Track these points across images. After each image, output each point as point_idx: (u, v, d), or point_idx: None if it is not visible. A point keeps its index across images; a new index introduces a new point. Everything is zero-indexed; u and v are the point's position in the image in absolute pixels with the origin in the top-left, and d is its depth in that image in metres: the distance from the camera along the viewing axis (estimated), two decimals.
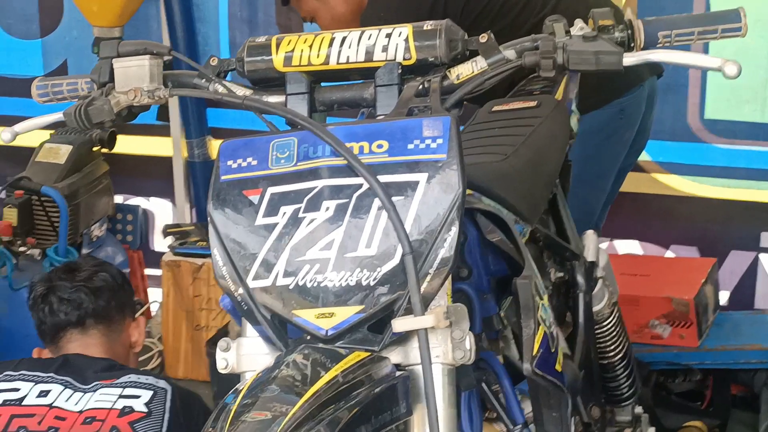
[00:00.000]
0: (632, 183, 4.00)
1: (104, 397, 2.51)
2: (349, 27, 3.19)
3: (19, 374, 2.57)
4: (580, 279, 2.37)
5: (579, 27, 1.71)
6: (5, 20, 4.61)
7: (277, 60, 1.78)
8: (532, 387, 1.87)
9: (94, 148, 4.24)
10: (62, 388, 2.55)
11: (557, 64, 1.70)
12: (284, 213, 1.64)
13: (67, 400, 2.53)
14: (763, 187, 3.90)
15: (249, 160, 1.69)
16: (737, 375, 3.81)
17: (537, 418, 1.90)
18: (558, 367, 1.80)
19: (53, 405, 2.52)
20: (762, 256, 3.98)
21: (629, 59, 1.69)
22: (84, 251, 4.08)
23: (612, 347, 2.54)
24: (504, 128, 2.52)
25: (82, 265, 2.91)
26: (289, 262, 1.62)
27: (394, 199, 1.60)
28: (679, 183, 4.00)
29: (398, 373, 1.57)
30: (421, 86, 1.71)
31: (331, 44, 1.76)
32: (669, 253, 4.12)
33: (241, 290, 1.64)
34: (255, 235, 1.65)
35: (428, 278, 1.59)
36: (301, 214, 1.63)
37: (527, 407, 2.11)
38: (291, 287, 1.61)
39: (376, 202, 1.59)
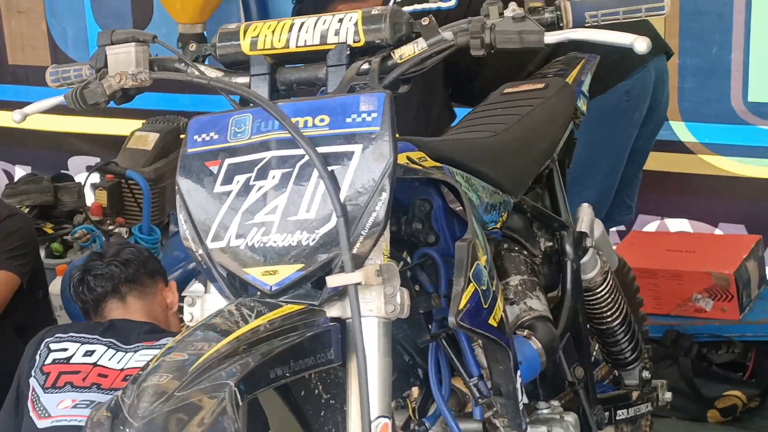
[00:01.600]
0: (680, 163, 4.02)
1: (144, 357, 2.62)
2: None
3: (68, 336, 2.71)
4: (568, 248, 2.39)
5: (511, 9, 1.75)
6: (102, 19, 4.79)
7: (244, 44, 1.83)
8: (484, 343, 1.92)
9: (182, 135, 4.39)
10: (106, 348, 2.67)
11: (485, 43, 1.75)
12: (238, 181, 1.72)
13: (110, 359, 2.66)
14: None
15: (212, 134, 1.77)
16: None
17: (490, 371, 1.95)
18: (492, 322, 1.81)
19: (97, 363, 2.65)
20: None
21: (551, 38, 1.71)
22: (171, 229, 4.23)
23: (608, 313, 2.55)
24: (507, 108, 2.56)
25: (109, 247, 3.06)
26: (240, 225, 1.70)
27: (331, 167, 1.66)
28: (726, 163, 3.97)
29: (326, 324, 1.63)
30: (363, 66, 1.77)
31: (291, 29, 1.81)
32: (718, 231, 4.10)
33: (201, 251, 1.73)
34: (213, 201, 1.73)
35: (361, 239, 1.64)
36: (252, 182, 1.71)
37: None
38: (242, 247, 1.69)
39: (317, 171, 1.66)
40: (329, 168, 1.67)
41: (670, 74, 3.88)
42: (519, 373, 1.94)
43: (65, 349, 2.69)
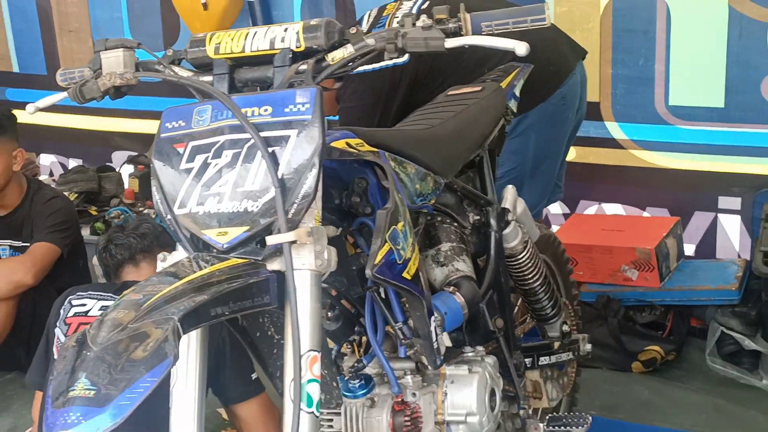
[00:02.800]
0: (614, 157, 4.06)
1: None
2: (331, 107, 3.32)
3: (87, 294, 2.76)
4: (492, 221, 2.43)
5: (421, 20, 1.80)
6: (138, 36, 4.82)
7: (209, 49, 1.87)
8: (402, 293, 1.95)
9: None
10: None
11: (398, 47, 1.80)
12: (198, 160, 1.76)
13: None
14: (718, 159, 3.88)
15: (180, 122, 1.81)
16: (694, 310, 3.84)
17: (411, 317, 1.99)
18: (406, 276, 1.85)
19: None
20: (720, 216, 3.96)
21: (450, 43, 1.76)
22: None
23: (529, 275, 2.58)
24: (447, 106, 2.61)
25: (131, 222, 3.12)
26: (200, 195, 1.74)
27: (272, 148, 1.70)
28: (651, 157, 4.00)
29: (265, 274, 1.67)
30: (301, 66, 1.82)
31: (246, 37, 1.85)
32: (645, 214, 4.13)
33: (169, 216, 1.77)
34: (179, 176, 1.77)
35: (295, 206, 1.68)
36: (209, 161, 1.74)
37: None
38: (200, 213, 1.73)
39: (260, 151, 1.71)
40: (270, 149, 1.71)
41: (606, 83, 3.94)
42: (434, 318, 1.99)
43: (84, 305, 2.74)
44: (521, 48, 1.69)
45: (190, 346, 1.74)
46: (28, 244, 3.59)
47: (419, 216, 2.22)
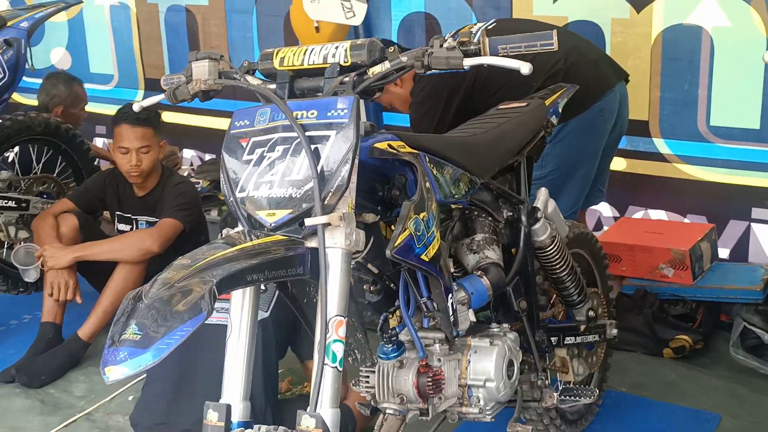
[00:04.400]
0: (660, 169, 3.94)
1: None
2: (406, 105, 3.36)
3: None
4: (523, 217, 2.42)
5: (448, 42, 1.80)
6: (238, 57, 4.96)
7: (276, 62, 1.92)
8: (423, 272, 1.96)
9: None
10: None
11: (424, 64, 1.81)
12: (257, 153, 1.80)
13: None
14: (752, 175, 3.72)
15: (245, 121, 1.86)
16: (723, 307, 3.71)
17: (431, 293, 1.99)
18: (424, 258, 1.85)
19: None
20: (753, 225, 3.80)
21: (469, 62, 1.77)
22: None
23: (557, 266, 2.55)
24: (494, 118, 2.60)
25: None
26: (256, 182, 1.78)
27: (315, 145, 1.74)
28: (693, 170, 3.85)
29: (301, 250, 1.70)
30: (345, 79, 1.85)
31: (305, 53, 1.89)
32: (686, 220, 3.99)
33: (232, 198, 1.83)
34: (241, 166, 1.82)
35: (330, 194, 1.71)
36: (265, 154, 1.79)
37: None
38: (255, 197, 1.78)
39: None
40: (313, 145, 1.75)
41: (654, 104, 3.84)
42: (451, 295, 1.99)
43: None
44: (525, 68, 1.68)
45: (244, 305, 1.79)
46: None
47: (453, 210, 2.21)
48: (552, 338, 2.59)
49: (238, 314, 1.79)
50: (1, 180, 4.03)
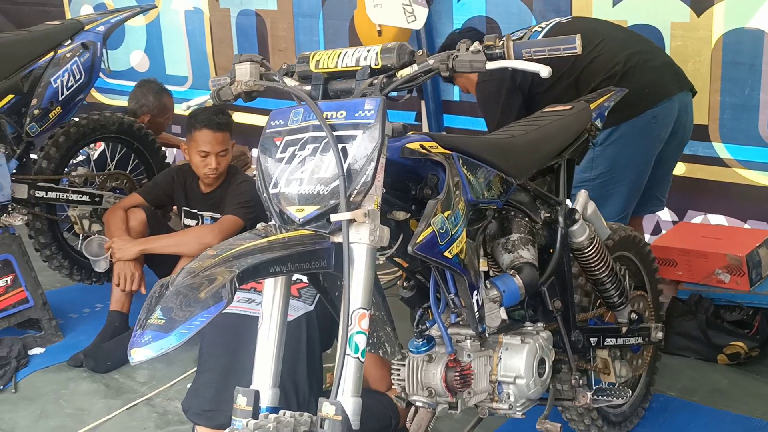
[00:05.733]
0: (720, 174, 3.89)
1: None
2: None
3: None
4: (560, 218, 2.42)
5: (474, 46, 1.84)
6: None
7: (311, 65, 1.97)
8: (447, 270, 1.99)
9: None
10: None
11: (449, 67, 1.84)
12: (289, 151, 1.85)
13: None
14: None
15: (280, 121, 1.91)
16: None
17: (456, 288, 2.02)
18: (447, 255, 1.87)
19: None
20: None
21: (491, 65, 1.79)
22: None
23: (597, 267, 2.54)
24: (536, 120, 2.61)
25: None
26: (287, 179, 1.83)
27: (343, 144, 1.78)
28: (753, 175, 3.79)
29: (325, 244, 1.75)
30: (375, 81, 1.89)
31: (339, 56, 1.95)
32: (746, 226, 3.92)
33: (265, 194, 1.88)
34: (274, 163, 1.87)
35: (355, 192, 1.75)
36: (296, 152, 1.84)
37: None
38: (287, 193, 1.83)
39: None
40: (341, 144, 1.79)
41: (714, 109, 3.78)
42: (476, 292, 2.02)
43: None
44: (544, 71, 1.71)
45: (275, 296, 1.86)
46: None
47: (488, 210, 2.24)
48: (591, 339, 2.59)
49: (270, 304, 1.86)
50: (77, 176, 4.23)
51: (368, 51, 1.92)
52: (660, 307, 3.12)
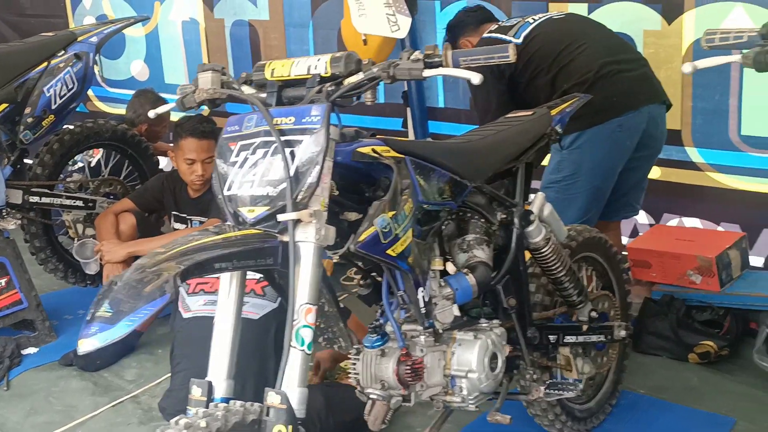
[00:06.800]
0: (693, 178, 3.95)
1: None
2: None
3: None
4: (515, 220, 2.48)
5: (415, 55, 1.91)
6: None
7: (267, 73, 2.04)
8: (391, 268, 2.04)
9: None
10: None
11: (390, 75, 1.92)
12: (242, 155, 1.92)
13: None
14: None
15: (235, 126, 1.98)
16: (752, 314, 3.67)
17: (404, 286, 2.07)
18: (390, 252, 1.93)
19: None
20: None
21: (428, 72, 1.86)
22: None
23: (554, 267, 2.60)
24: (496, 125, 2.68)
25: None
26: (239, 182, 1.90)
27: (291, 148, 1.86)
28: (726, 179, 3.85)
29: (272, 242, 1.82)
30: (321, 88, 1.96)
31: (292, 65, 2.01)
32: (720, 228, 3.98)
33: (220, 195, 1.95)
34: (229, 167, 1.94)
35: (301, 193, 1.82)
36: (248, 156, 1.91)
37: None
38: (240, 195, 1.89)
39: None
40: (290, 149, 1.87)
41: (687, 114, 3.85)
42: (422, 289, 2.08)
43: None
44: (475, 78, 1.78)
45: (230, 291, 1.94)
46: None
47: (441, 211, 2.31)
48: (550, 336, 2.65)
49: (225, 300, 1.94)
50: (72, 181, 4.33)
51: (318, 60, 2.00)
52: (628, 307, 3.18)
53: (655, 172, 3.96)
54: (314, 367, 3.29)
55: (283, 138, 1.88)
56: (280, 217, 1.83)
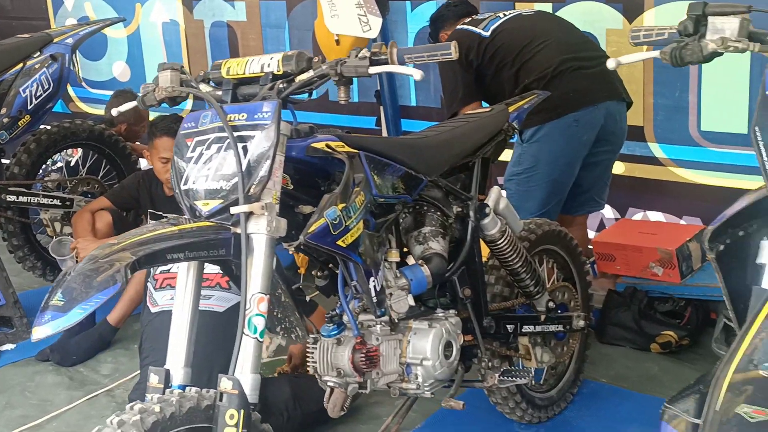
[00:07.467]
0: (656, 173, 4.01)
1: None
2: None
3: None
4: (471, 212, 2.54)
5: (362, 53, 1.96)
6: None
7: (223, 71, 2.09)
8: (343, 259, 2.09)
9: None
10: None
11: (338, 72, 1.97)
12: (198, 150, 1.97)
13: None
14: (742, 178, 3.75)
15: (192, 123, 2.03)
16: (713, 305, 3.74)
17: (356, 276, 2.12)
18: (340, 243, 1.98)
19: None
20: None
21: (373, 69, 1.92)
22: None
23: (510, 258, 2.66)
24: (455, 122, 2.74)
25: None
26: (195, 176, 1.95)
27: (243, 143, 1.91)
28: (687, 174, 3.91)
29: (224, 234, 1.87)
30: (273, 85, 2.02)
31: (247, 63, 2.07)
32: (682, 222, 4.05)
33: (177, 190, 2.01)
34: (185, 162, 1.99)
35: (253, 186, 1.88)
36: (203, 151, 1.96)
37: None
38: (195, 189, 1.95)
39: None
40: (242, 144, 1.92)
41: (648, 110, 3.91)
42: (373, 279, 2.14)
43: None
44: (417, 75, 1.84)
45: (188, 281, 1.99)
46: None
47: (396, 204, 2.36)
48: (508, 326, 2.71)
49: (182, 290, 1.99)
50: (50, 181, 4.37)
51: (271, 58, 2.05)
52: (588, 298, 3.24)
53: (620, 168, 4.02)
54: (287, 359, 3.34)
55: (235, 133, 1.93)
56: (233, 210, 1.88)
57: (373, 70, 1.91)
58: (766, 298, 1.41)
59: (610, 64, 1.92)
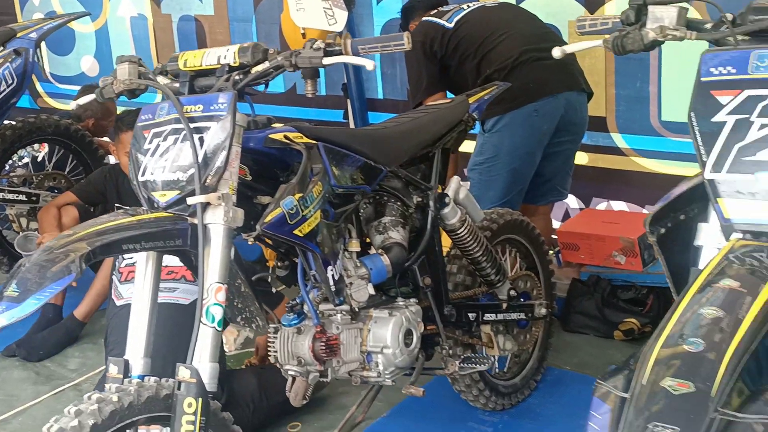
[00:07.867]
0: (618, 163, 4.05)
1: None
2: None
3: None
4: (430, 202, 2.56)
5: (317, 45, 1.98)
6: None
7: (180, 63, 2.10)
8: (301, 248, 2.11)
9: None
10: None
11: (292, 63, 1.99)
12: (155, 142, 1.98)
13: None
14: None
15: (149, 115, 2.04)
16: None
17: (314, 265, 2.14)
18: (297, 233, 2.00)
19: None
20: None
21: (327, 60, 1.94)
22: None
23: (471, 248, 2.68)
24: (415, 113, 2.76)
25: None
26: (152, 168, 1.96)
27: (200, 134, 1.92)
28: (648, 163, 3.95)
29: (181, 225, 1.88)
30: (229, 77, 2.03)
31: (203, 55, 2.08)
32: (645, 211, 4.10)
33: (135, 181, 2.01)
34: (143, 154, 2.00)
35: (210, 177, 1.89)
36: (160, 143, 1.97)
37: None
38: (152, 180, 1.96)
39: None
40: (199, 135, 1.93)
41: (610, 101, 3.95)
42: (331, 268, 2.16)
43: (132, 257, 2.92)
44: (369, 65, 1.86)
45: (147, 273, 2.00)
46: None
47: (356, 194, 2.37)
48: (470, 314, 2.74)
49: (141, 281, 2.00)
50: (16, 176, 4.34)
51: (227, 50, 2.06)
52: (551, 287, 3.27)
53: (583, 158, 4.06)
54: (254, 351, 3.36)
55: (192, 125, 1.94)
56: (190, 200, 1.89)
57: (327, 60, 1.93)
58: (696, 277, 1.45)
59: (555, 53, 1.95)
